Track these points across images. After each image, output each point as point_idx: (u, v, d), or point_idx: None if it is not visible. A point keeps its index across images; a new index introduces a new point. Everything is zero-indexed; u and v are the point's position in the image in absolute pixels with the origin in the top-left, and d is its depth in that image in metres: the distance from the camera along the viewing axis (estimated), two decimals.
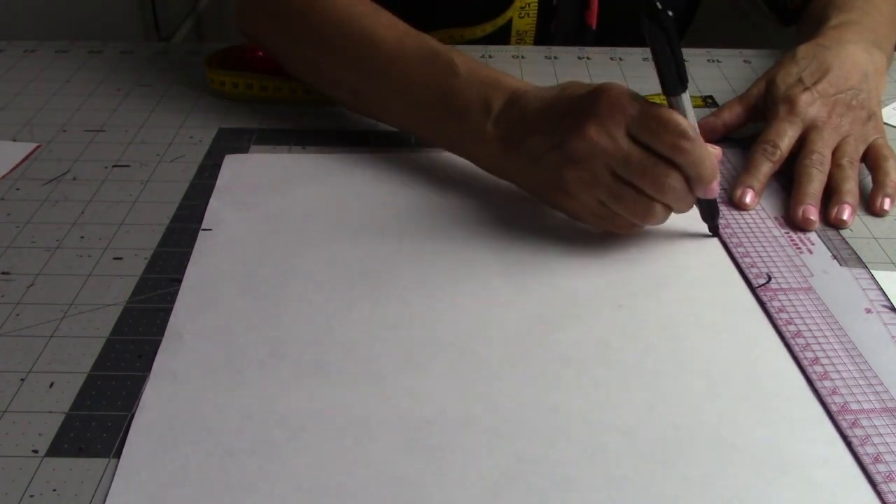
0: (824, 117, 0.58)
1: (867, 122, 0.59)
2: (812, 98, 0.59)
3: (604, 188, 0.48)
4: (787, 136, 0.58)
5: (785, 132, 0.58)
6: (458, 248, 0.51)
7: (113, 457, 0.38)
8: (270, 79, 0.69)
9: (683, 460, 0.38)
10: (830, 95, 0.59)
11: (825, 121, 0.58)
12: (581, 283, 0.49)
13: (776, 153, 0.57)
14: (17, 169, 0.60)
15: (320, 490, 0.36)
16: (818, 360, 0.43)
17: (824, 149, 0.57)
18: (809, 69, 0.61)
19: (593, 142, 0.48)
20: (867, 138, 0.59)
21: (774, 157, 0.57)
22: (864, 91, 0.60)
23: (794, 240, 0.53)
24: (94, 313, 0.46)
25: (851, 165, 0.56)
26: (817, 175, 0.55)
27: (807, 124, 0.58)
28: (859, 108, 0.59)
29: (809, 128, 0.58)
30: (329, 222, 0.54)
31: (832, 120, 0.58)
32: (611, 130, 0.48)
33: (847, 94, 0.59)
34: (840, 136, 0.58)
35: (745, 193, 0.56)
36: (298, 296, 0.47)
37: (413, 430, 0.39)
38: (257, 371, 0.42)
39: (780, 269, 0.50)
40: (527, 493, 0.36)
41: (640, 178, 0.48)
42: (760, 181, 0.56)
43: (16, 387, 0.41)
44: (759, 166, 0.57)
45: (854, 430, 0.39)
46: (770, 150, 0.57)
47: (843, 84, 0.60)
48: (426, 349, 0.44)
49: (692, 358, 0.44)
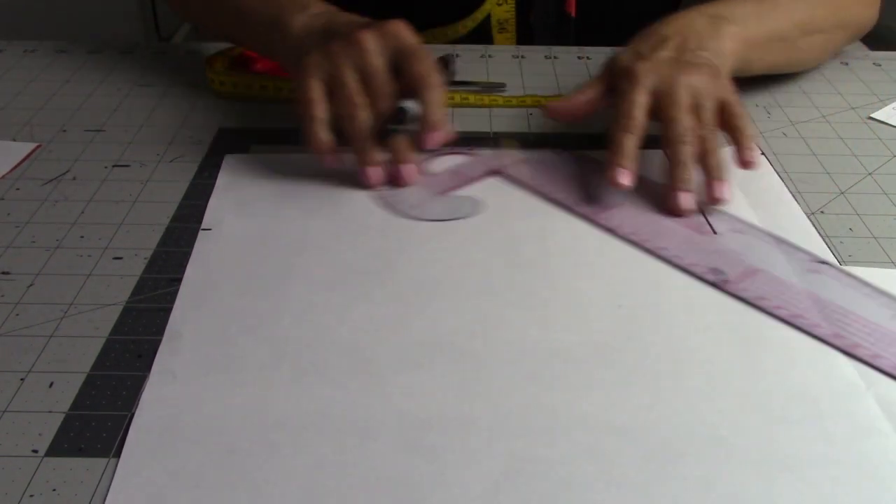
0: (669, 79, 0.57)
1: (716, 80, 0.57)
2: (650, 65, 0.58)
3: (339, 81, 0.55)
4: (636, 104, 0.56)
5: (633, 102, 0.56)
6: (458, 247, 0.51)
7: (113, 457, 0.38)
8: (270, 79, 0.69)
9: (683, 460, 0.38)
10: (670, 59, 0.58)
11: (672, 82, 0.56)
12: (581, 283, 0.49)
13: (632, 123, 0.55)
14: (17, 169, 0.60)
15: (320, 490, 0.36)
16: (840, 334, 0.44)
17: (681, 113, 0.55)
18: (647, 43, 0.60)
19: (357, 40, 0.56)
20: (719, 95, 0.57)
21: (633, 129, 0.55)
22: (707, 52, 0.59)
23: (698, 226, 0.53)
24: (94, 313, 0.46)
25: (712, 133, 0.55)
26: (684, 151, 0.54)
27: (654, 90, 0.57)
28: (704, 65, 0.58)
29: (659, 94, 0.56)
30: (329, 222, 0.54)
31: (680, 79, 0.56)
32: (377, 42, 0.56)
33: (688, 55, 0.58)
34: (693, 95, 0.56)
35: (618, 173, 0.54)
36: (298, 296, 0.47)
37: (413, 430, 0.39)
38: (257, 371, 0.42)
39: (715, 258, 0.50)
40: (527, 493, 0.36)
41: (374, 91, 0.55)
42: (629, 157, 0.55)
43: (15, 387, 0.41)
44: (622, 142, 0.55)
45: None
46: (625, 123, 0.56)
47: (682, 47, 0.59)
48: (426, 349, 0.44)
49: (692, 358, 0.44)
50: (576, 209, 0.55)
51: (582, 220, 0.54)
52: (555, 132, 0.65)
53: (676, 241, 0.52)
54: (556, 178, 0.58)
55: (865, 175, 0.59)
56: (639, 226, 0.53)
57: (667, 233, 0.53)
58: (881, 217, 0.55)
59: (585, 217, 0.54)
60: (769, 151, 0.63)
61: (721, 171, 0.54)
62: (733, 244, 0.51)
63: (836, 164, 0.61)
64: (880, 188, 0.58)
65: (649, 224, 0.54)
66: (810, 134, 0.66)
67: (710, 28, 0.61)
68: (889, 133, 0.66)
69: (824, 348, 0.44)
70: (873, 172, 0.60)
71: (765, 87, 0.73)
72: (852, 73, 0.77)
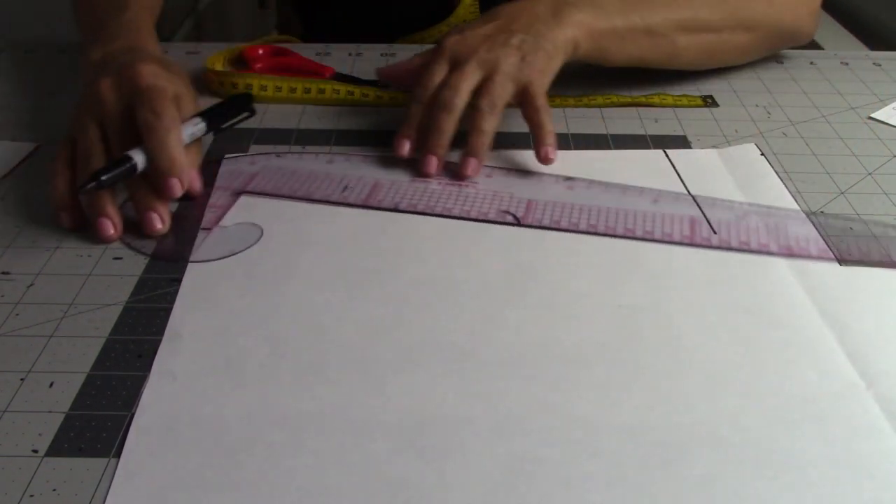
0: (469, 52, 0.58)
1: (522, 62, 0.58)
2: (461, 39, 0.59)
3: (80, 131, 0.53)
4: (432, 75, 0.58)
5: (431, 72, 0.58)
6: (458, 247, 0.51)
7: (113, 457, 0.38)
8: (270, 79, 0.69)
9: (683, 460, 0.38)
10: (483, 36, 0.59)
11: (469, 54, 0.58)
12: (581, 283, 0.49)
13: (423, 94, 0.57)
14: (17, 169, 0.60)
15: (320, 490, 0.36)
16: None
17: (457, 80, 0.56)
18: (476, 21, 0.61)
19: (96, 90, 0.54)
20: (517, 78, 0.57)
21: (422, 98, 0.57)
22: (529, 36, 0.59)
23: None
24: (94, 313, 0.46)
25: (491, 110, 0.56)
26: (440, 116, 0.56)
27: (452, 62, 0.58)
28: (515, 46, 0.58)
29: (453, 64, 0.58)
30: (329, 222, 0.54)
31: (478, 55, 0.57)
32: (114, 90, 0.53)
33: (503, 36, 0.59)
34: (486, 69, 0.57)
35: (401, 144, 0.57)
36: (298, 296, 0.47)
37: (413, 430, 0.39)
38: (257, 371, 0.42)
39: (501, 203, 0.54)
40: (527, 493, 0.36)
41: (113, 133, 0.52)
42: (415, 127, 0.57)
43: (16, 387, 0.41)
44: (410, 114, 0.58)
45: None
46: (418, 94, 0.58)
47: (504, 27, 0.60)
48: (426, 349, 0.44)
49: (692, 358, 0.44)
50: (342, 200, 0.55)
51: (359, 209, 0.54)
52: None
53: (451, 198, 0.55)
54: (302, 176, 0.58)
55: (865, 175, 0.59)
56: (415, 196, 0.55)
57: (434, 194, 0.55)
58: (881, 217, 0.55)
59: (360, 206, 0.55)
60: (769, 151, 0.63)
61: (475, 149, 0.56)
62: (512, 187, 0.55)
63: (836, 164, 0.61)
64: (880, 188, 0.58)
65: (422, 192, 0.56)
66: (810, 134, 0.66)
67: (549, 13, 0.61)
68: (889, 133, 0.66)
69: (824, 348, 0.44)
70: (873, 172, 0.60)
71: (765, 87, 0.74)
72: (852, 73, 0.77)
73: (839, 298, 0.48)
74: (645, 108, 0.69)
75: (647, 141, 0.64)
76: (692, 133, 0.65)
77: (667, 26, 0.66)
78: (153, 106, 0.52)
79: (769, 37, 0.73)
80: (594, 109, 0.69)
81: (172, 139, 0.52)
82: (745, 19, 0.70)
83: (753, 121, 0.67)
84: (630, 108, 0.69)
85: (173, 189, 0.51)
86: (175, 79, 0.56)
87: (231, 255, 0.50)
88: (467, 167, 0.56)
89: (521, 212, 0.53)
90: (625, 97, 0.70)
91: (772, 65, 0.78)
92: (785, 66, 0.78)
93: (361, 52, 0.79)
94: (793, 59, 0.79)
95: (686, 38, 0.67)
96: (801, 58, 0.80)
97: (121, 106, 0.53)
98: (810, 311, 0.47)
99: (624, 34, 0.64)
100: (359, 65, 0.76)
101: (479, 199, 0.55)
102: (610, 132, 0.65)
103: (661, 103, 0.69)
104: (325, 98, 0.68)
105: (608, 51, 0.64)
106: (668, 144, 0.63)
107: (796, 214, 0.55)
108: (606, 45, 0.64)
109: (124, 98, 0.53)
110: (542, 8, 0.62)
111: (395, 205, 0.54)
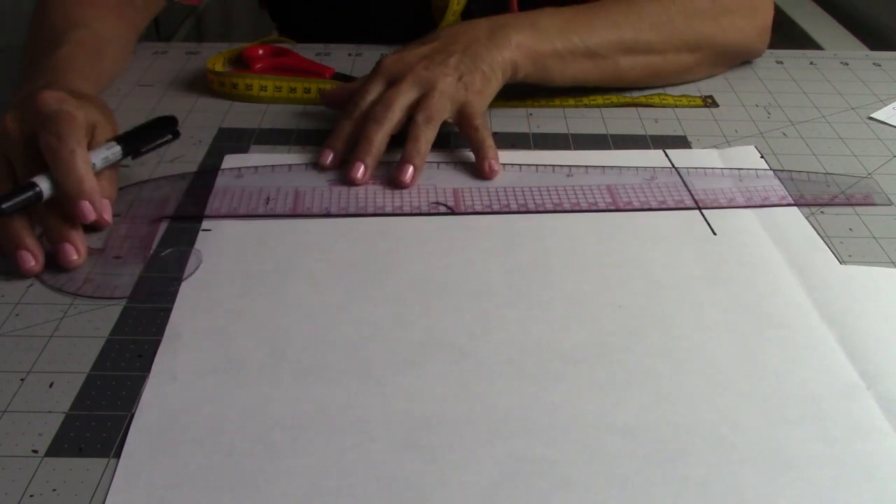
0: (404, 71, 0.59)
1: (456, 83, 0.58)
2: (398, 59, 0.60)
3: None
4: (366, 93, 0.59)
5: (365, 90, 0.59)
6: (458, 247, 0.51)
7: (113, 457, 0.38)
8: (271, 79, 0.69)
9: (683, 460, 0.38)
10: (420, 55, 0.59)
11: (404, 74, 0.58)
12: (581, 283, 0.49)
13: (353, 110, 0.58)
14: None
15: (320, 490, 0.36)
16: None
17: (392, 94, 0.57)
18: (416, 42, 0.62)
19: (0, 126, 0.51)
20: (454, 98, 0.58)
21: (353, 115, 0.58)
22: (466, 58, 0.60)
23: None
24: (94, 313, 0.46)
25: (427, 122, 0.57)
26: (369, 126, 0.57)
27: (390, 80, 0.59)
28: (452, 67, 0.59)
29: (389, 83, 0.59)
30: (329, 222, 0.54)
31: (414, 73, 0.58)
32: (17, 121, 0.51)
33: (440, 56, 0.59)
34: (420, 89, 0.58)
35: (324, 155, 0.58)
36: (298, 296, 0.47)
37: (413, 430, 0.39)
38: (257, 371, 0.42)
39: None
40: (526, 493, 0.36)
41: (17, 162, 0.50)
42: (342, 139, 0.58)
43: (16, 387, 0.41)
44: (339, 128, 0.58)
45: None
46: (349, 110, 0.59)
47: (442, 48, 0.60)
48: (426, 349, 0.44)
49: (692, 358, 0.44)
50: (269, 213, 0.54)
51: (288, 218, 0.54)
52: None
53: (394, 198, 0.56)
54: (219, 193, 0.56)
55: (865, 175, 0.59)
56: (343, 200, 0.56)
57: (360, 196, 0.56)
58: (881, 217, 0.55)
59: (288, 216, 0.54)
60: (769, 151, 0.63)
61: (410, 155, 0.56)
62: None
63: (836, 164, 0.61)
64: (880, 188, 0.58)
65: (347, 195, 0.56)
66: (810, 134, 0.66)
67: (487, 35, 0.62)
68: (889, 133, 0.66)
69: (824, 348, 0.44)
70: (873, 172, 0.60)
71: (765, 87, 0.74)
72: (852, 73, 0.77)
73: (839, 298, 0.48)
74: (645, 109, 0.69)
75: (647, 141, 0.64)
76: (692, 133, 0.65)
77: (608, 48, 0.66)
78: (56, 129, 0.49)
79: (715, 56, 0.72)
80: (594, 109, 0.69)
81: (78, 161, 0.48)
82: (689, 41, 0.69)
83: (753, 121, 0.67)
84: (630, 109, 0.69)
85: (84, 213, 0.48)
86: (87, 106, 0.53)
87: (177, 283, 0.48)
88: (404, 173, 0.56)
89: (451, 201, 0.55)
90: (625, 97, 0.70)
91: (772, 65, 0.78)
92: (785, 66, 0.78)
93: (361, 52, 0.79)
94: (793, 59, 0.79)
95: (628, 59, 0.67)
96: (801, 58, 0.80)
97: (24, 136, 0.50)
98: (810, 311, 0.47)
99: (565, 55, 0.64)
100: (359, 65, 0.76)
101: (407, 194, 0.56)
102: (610, 132, 0.65)
103: (662, 103, 0.69)
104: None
105: (549, 72, 0.64)
106: (668, 144, 0.63)
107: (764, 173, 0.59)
108: (547, 66, 0.64)
109: (27, 127, 0.51)
110: (480, 30, 0.62)
111: (325, 210, 0.54)
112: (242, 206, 0.55)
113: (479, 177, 0.58)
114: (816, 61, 0.79)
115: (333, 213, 0.54)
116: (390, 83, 0.59)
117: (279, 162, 0.59)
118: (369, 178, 0.57)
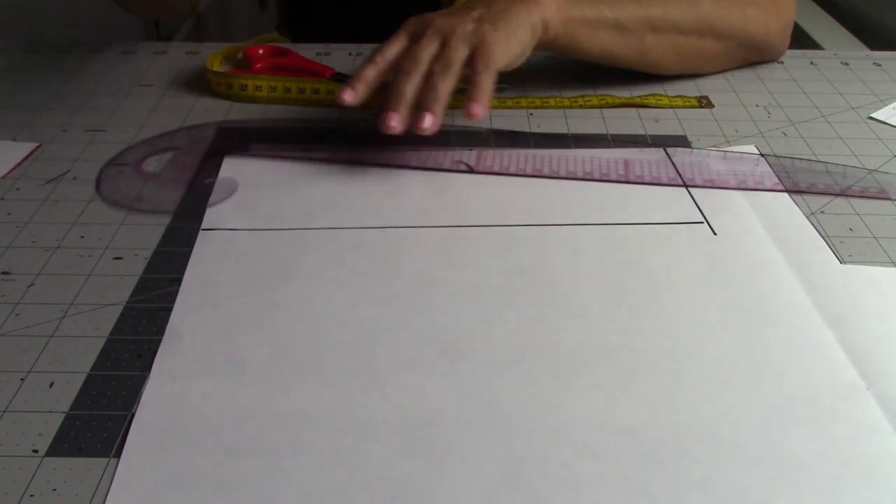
0: (425, 26, 0.59)
1: (474, 29, 0.58)
2: (420, 18, 0.61)
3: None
4: (391, 45, 0.60)
5: (389, 44, 0.60)
6: (458, 248, 0.51)
7: (113, 457, 0.38)
8: (271, 79, 0.69)
9: (683, 460, 0.38)
10: (447, 13, 0.60)
11: (428, 25, 0.59)
12: (581, 283, 0.49)
13: (377, 58, 0.59)
14: (17, 169, 0.60)
15: (320, 490, 0.36)
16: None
17: (418, 50, 0.58)
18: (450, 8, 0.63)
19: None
20: (471, 41, 0.58)
21: (375, 62, 0.59)
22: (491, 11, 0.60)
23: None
24: (94, 313, 0.46)
25: (443, 71, 0.57)
26: (399, 79, 0.57)
27: (411, 36, 0.60)
28: (472, 19, 0.59)
29: (412, 38, 0.60)
30: (329, 222, 0.54)
31: (435, 23, 0.59)
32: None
33: (463, 10, 0.60)
34: (443, 35, 0.58)
35: (345, 92, 0.58)
36: (298, 296, 0.47)
37: (413, 430, 0.39)
38: (257, 371, 0.42)
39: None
40: (527, 493, 0.36)
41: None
42: (366, 82, 0.58)
43: (16, 387, 0.41)
44: (362, 72, 0.59)
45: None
46: (375, 59, 0.59)
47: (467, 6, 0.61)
48: (426, 349, 0.44)
49: (692, 358, 0.44)
50: (346, 157, 0.60)
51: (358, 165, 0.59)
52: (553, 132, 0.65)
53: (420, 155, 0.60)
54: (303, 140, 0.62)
55: (865, 175, 0.59)
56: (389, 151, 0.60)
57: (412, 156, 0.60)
58: (881, 217, 0.55)
59: (344, 161, 0.60)
60: (769, 151, 0.63)
61: (427, 104, 0.56)
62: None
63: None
64: (880, 188, 0.58)
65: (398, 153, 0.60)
66: (810, 134, 0.66)
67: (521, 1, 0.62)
68: (889, 133, 0.66)
69: (824, 348, 0.44)
70: (873, 172, 0.60)
71: (765, 86, 0.74)
72: (852, 73, 0.77)
73: (839, 298, 0.48)
74: (645, 109, 0.69)
75: (647, 141, 0.64)
76: (692, 133, 0.65)
77: (635, 22, 0.67)
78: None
79: (738, 47, 0.73)
80: (594, 110, 0.69)
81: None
82: (715, 26, 0.70)
83: (753, 121, 0.67)
84: (630, 109, 0.69)
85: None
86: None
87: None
88: (421, 120, 0.55)
89: (473, 161, 0.60)
90: (620, 98, 0.70)
91: (772, 65, 0.78)
92: (785, 66, 0.78)
93: (361, 52, 0.79)
94: (793, 59, 0.79)
95: (654, 37, 0.68)
96: (801, 58, 0.80)
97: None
98: (810, 311, 0.47)
99: (594, 24, 0.65)
100: (359, 65, 0.76)
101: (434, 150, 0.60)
102: (610, 132, 0.65)
103: (657, 104, 0.69)
104: (321, 98, 0.68)
105: (578, 38, 0.65)
106: (668, 144, 0.63)
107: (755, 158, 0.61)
108: (577, 32, 0.64)
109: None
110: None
111: (358, 158, 0.60)
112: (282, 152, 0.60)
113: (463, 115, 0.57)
114: (816, 61, 0.79)
115: (367, 162, 0.59)
116: (413, 39, 0.60)
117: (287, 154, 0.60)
118: (403, 126, 0.57)
